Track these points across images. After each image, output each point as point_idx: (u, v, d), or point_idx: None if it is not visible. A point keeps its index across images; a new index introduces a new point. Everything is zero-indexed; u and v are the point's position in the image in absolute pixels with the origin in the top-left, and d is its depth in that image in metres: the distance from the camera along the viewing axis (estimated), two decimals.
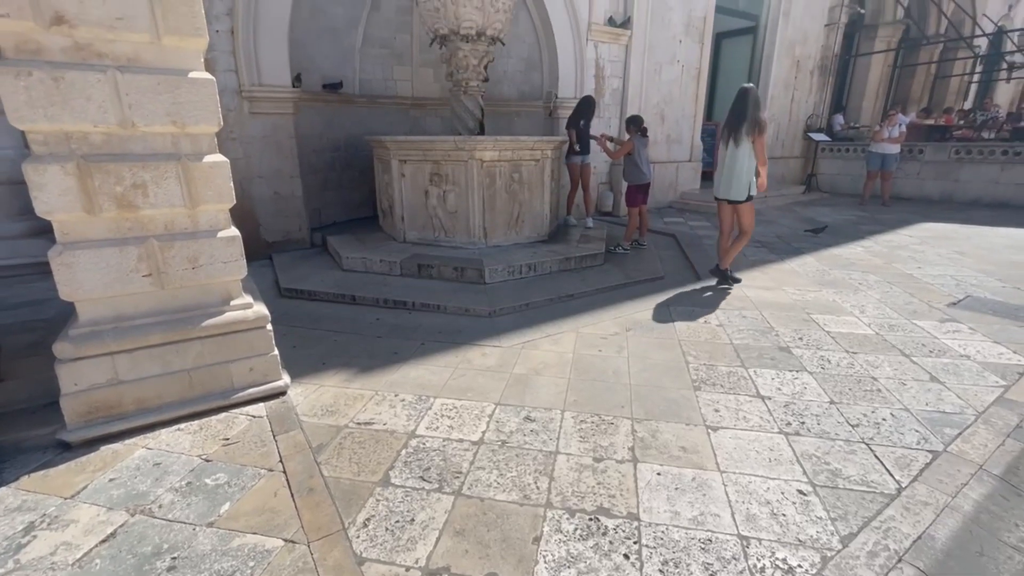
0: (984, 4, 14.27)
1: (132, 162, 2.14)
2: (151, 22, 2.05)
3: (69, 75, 1.95)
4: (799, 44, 10.37)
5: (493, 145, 5.00)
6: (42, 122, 1.95)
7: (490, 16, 4.98)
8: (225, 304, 2.50)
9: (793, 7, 9.89)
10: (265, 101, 5.24)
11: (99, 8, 1.95)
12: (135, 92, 2.07)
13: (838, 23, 10.77)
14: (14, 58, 1.90)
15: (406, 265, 4.72)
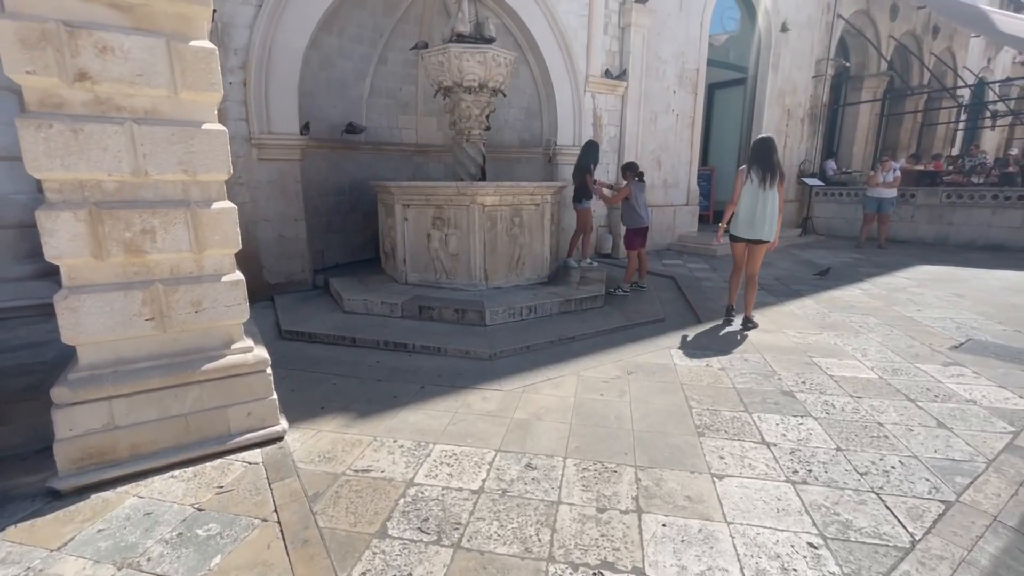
0: (964, 57, 14.95)
1: (142, 208, 2.20)
2: (170, 78, 2.15)
3: (88, 127, 2.03)
4: (789, 94, 10.78)
5: (494, 190, 5.12)
6: (58, 171, 2.02)
7: (492, 70, 5.21)
8: (226, 347, 2.50)
9: (781, 60, 10.35)
10: (274, 148, 5.41)
11: (122, 65, 2.05)
12: (150, 143, 2.15)
13: (825, 75, 11.23)
14: (37, 111, 1.98)
15: (407, 307, 4.73)
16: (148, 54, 2.10)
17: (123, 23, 2.07)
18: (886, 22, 12.26)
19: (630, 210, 5.73)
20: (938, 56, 13.95)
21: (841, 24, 11.23)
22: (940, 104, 14.00)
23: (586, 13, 7.42)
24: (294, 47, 5.37)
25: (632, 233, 5.78)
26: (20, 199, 4.61)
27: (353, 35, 6.38)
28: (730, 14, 9.93)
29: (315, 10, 5.44)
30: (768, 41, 10.07)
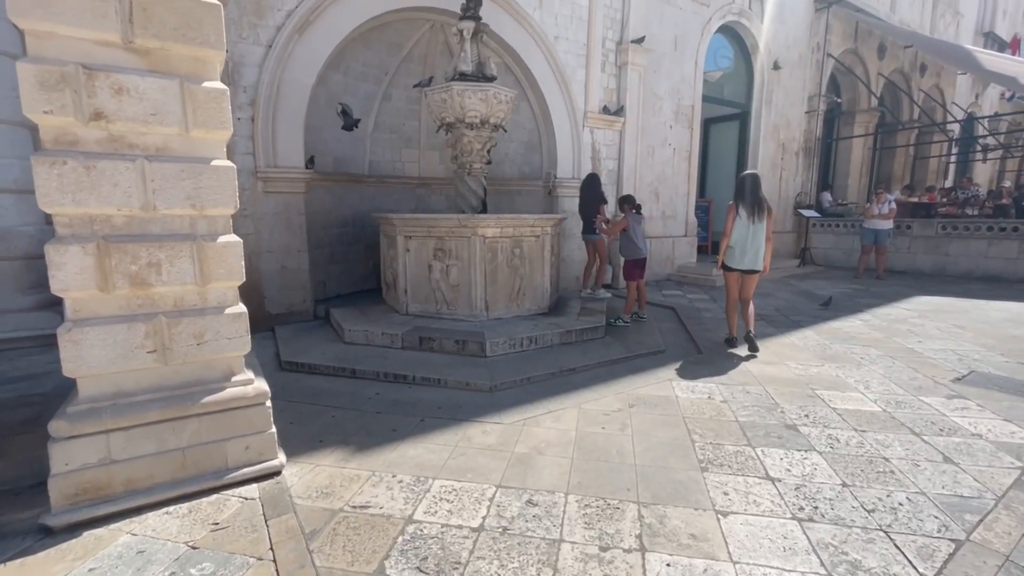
0: (952, 93, 15.37)
1: (150, 242, 2.23)
2: (182, 117, 2.23)
3: (101, 164, 2.08)
4: (783, 129, 11.04)
5: (495, 222, 5.19)
6: (69, 206, 2.06)
7: (493, 107, 5.36)
8: (226, 380, 2.49)
9: (775, 96, 10.64)
10: (279, 181, 5.52)
11: (136, 105, 2.12)
12: (160, 178, 2.21)
13: (817, 110, 11.53)
14: (52, 148, 2.04)
15: (408, 338, 4.73)
16: (162, 94, 2.17)
17: (140, 66, 2.15)
18: (874, 60, 12.66)
19: (628, 242, 5.80)
20: (927, 92, 14.35)
21: (831, 62, 11.59)
22: (931, 138, 14.32)
23: (584, 53, 7.68)
24: (302, 85, 5.54)
25: (631, 264, 5.83)
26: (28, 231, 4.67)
27: (359, 73, 6.59)
28: (723, 52, 10.26)
29: (323, 50, 5.64)
30: (761, 78, 10.39)
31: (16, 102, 4.44)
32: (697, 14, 9.00)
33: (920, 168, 15.20)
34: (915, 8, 13.50)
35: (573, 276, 8.07)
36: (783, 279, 9.54)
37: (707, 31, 9.20)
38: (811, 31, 11.12)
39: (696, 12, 8.98)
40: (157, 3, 2.12)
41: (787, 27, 10.60)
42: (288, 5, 5.35)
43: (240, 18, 5.13)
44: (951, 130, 14.13)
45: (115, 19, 2.06)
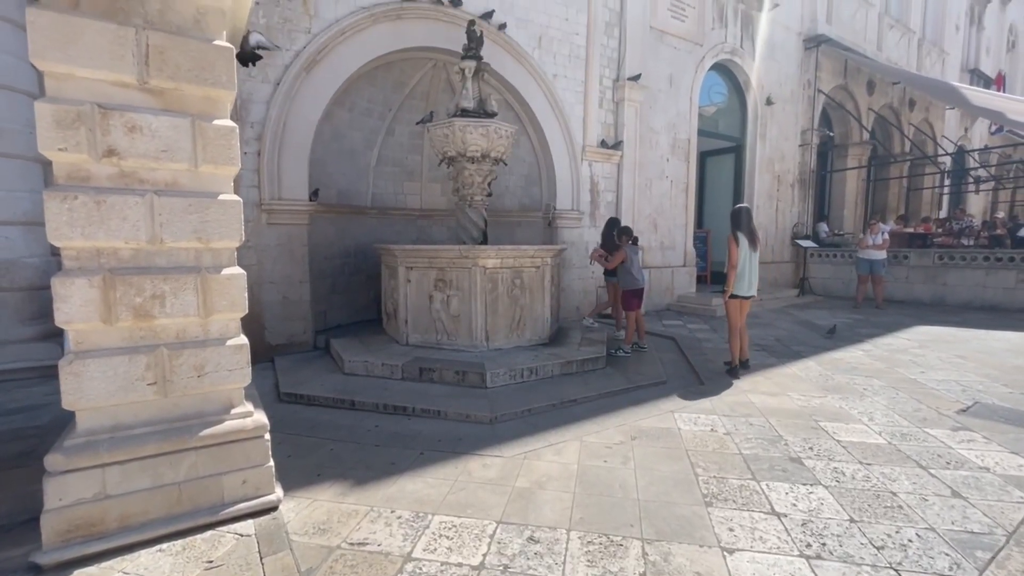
0: (941, 127, 15.74)
1: (154, 275, 2.26)
2: (192, 153, 2.29)
3: (111, 199, 2.13)
4: (778, 161, 11.26)
5: (496, 253, 5.25)
6: (78, 240, 2.09)
7: (494, 142, 5.49)
8: (225, 412, 2.47)
9: (768, 130, 10.90)
10: (283, 213, 5.60)
11: (148, 143, 2.19)
12: (168, 212, 2.25)
13: (811, 144, 11.78)
14: (64, 184, 2.09)
15: (408, 369, 4.71)
16: (174, 132, 2.24)
17: (153, 105, 2.23)
18: (864, 96, 13.02)
19: (626, 272, 5.86)
20: (916, 126, 14.69)
21: (822, 98, 11.92)
22: (923, 170, 14.57)
23: (582, 90, 7.92)
24: (307, 120, 5.69)
25: (629, 294, 5.86)
26: (33, 262, 4.72)
27: (363, 109, 6.77)
28: (717, 89, 10.57)
29: (329, 88, 5.82)
30: (755, 113, 10.66)
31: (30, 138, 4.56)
32: (691, 53, 9.31)
33: (914, 199, 15.42)
34: (901, 47, 13.96)
35: (573, 306, 8.09)
36: (783, 309, 9.54)
37: (701, 68, 9.50)
38: (801, 68, 11.48)
39: (690, 51, 9.29)
40: (173, 47, 2.21)
41: (778, 64, 10.95)
42: (296, 45, 5.55)
43: None
44: (942, 162, 14.39)
45: (132, 61, 2.14)
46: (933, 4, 15.26)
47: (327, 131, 6.27)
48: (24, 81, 4.62)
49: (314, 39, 5.61)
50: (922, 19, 14.71)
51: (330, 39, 5.68)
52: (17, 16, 4.52)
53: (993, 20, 17.89)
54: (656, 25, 8.70)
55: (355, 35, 5.87)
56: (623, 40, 8.21)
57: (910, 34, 14.11)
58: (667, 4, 8.83)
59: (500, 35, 6.93)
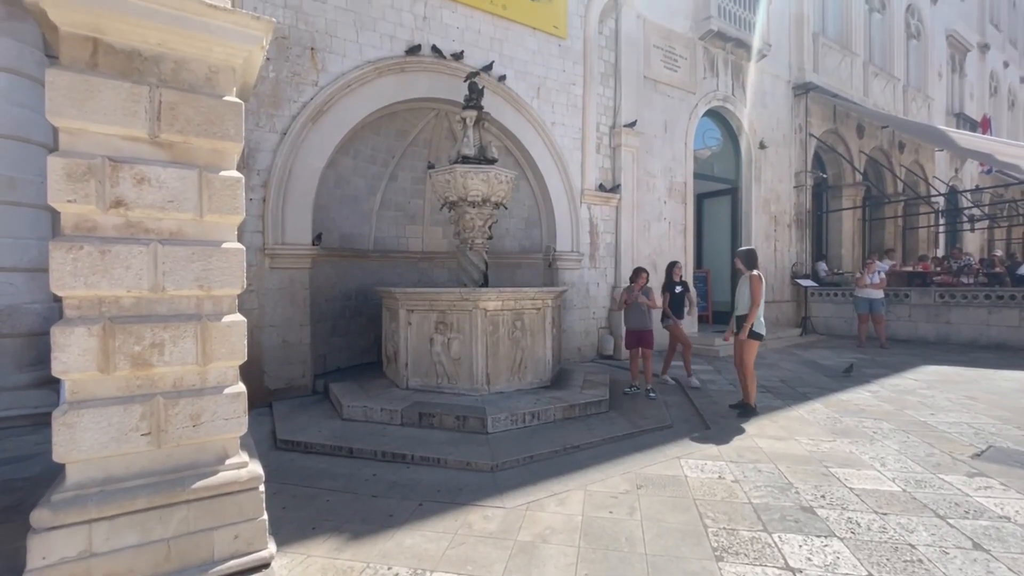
0: (932, 168, 16.10)
1: (155, 323, 2.25)
2: (197, 203, 2.33)
3: (116, 248, 2.15)
4: (773, 202, 11.45)
5: (497, 296, 5.26)
6: (81, 289, 2.10)
7: (494, 187, 5.61)
8: (220, 463, 2.41)
9: (763, 173, 11.14)
10: (286, 257, 5.66)
11: (155, 193, 2.23)
12: (171, 261, 2.27)
13: (805, 185, 12.02)
14: (71, 234, 2.12)
15: (407, 414, 4.62)
16: (181, 183, 2.29)
17: (162, 157, 2.29)
18: (855, 139, 13.38)
19: (638, 312, 5.94)
20: (908, 167, 15.03)
21: (814, 141, 12.25)
22: (918, 209, 14.80)
23: (580, 136, 8.16)
24: (312, 168, 5.84)
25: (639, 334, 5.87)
26: (35, 308, 4.74)
27: (367, 156, 6.96)
28: (711, 134, 10.89)
29: (334, 136, 6.00)
30: (749, 157, 10.94)
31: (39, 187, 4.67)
32: (684, 100, 9.65)
33: (911, 238, 15.57)
34: (887, 93, 14.47)
35: (574, 347, 8.04)
36: (786, 349, 9.46)
37: (695, 115, 9.81)
38: (792, 114, 11.86)
39: (683, 99, 9.63)
40: (184, 103, 2.29)
41: (769, 111, 11.32)
42: (304, 97, 5.77)
43: (258, 109, 5.51)
44: (936, 202, 14.63)
45: (144, 117, 2.21)
46: (915, 54, 15.93)
47: (331, 177, 6.43)
48: (39, 133, 4.79)
49: (321, 91, 5.83)
50: (905, 67, 15.30)
51: (336, 91, 5.91)
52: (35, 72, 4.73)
53: (973, 68, 18.60)
54: (650, 75, 9.05)
55: (360, 87, 6.11)
56: (618, 89, 8.53)
57: (895, 81, 14.65)
58: (660, 56, 9.23)
59: (500, 86, 7.20)
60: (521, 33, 7.51)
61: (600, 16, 8.36)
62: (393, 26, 6.39)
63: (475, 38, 7.07)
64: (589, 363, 7.94)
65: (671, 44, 9.41)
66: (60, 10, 2.06)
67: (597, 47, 8.34)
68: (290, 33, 5.67)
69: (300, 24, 5.75)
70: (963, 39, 17.67)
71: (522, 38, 7.53)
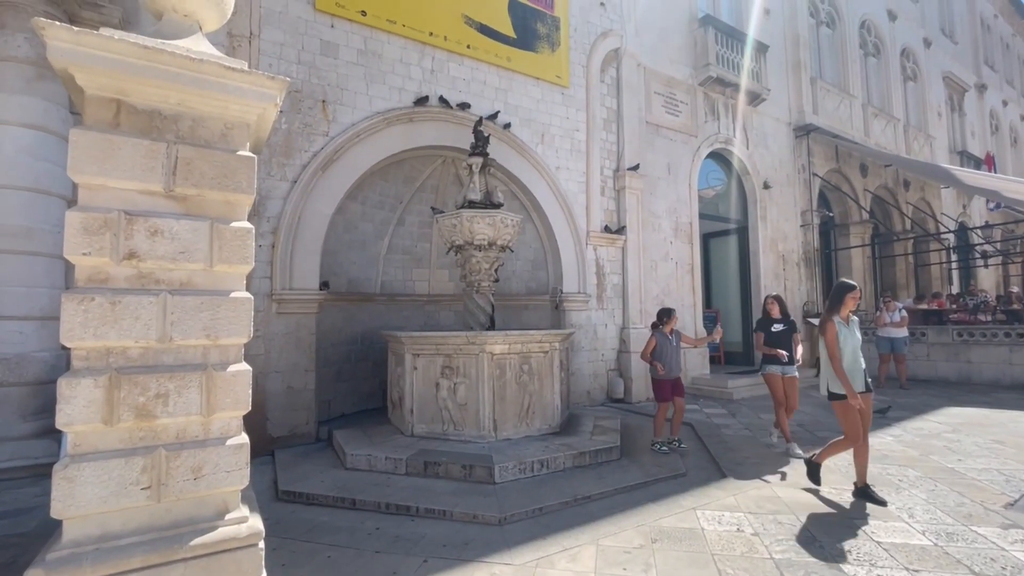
0: (939, 205, 16.18)
1: (160, 373, 2.26)
2: (208, 254, 2.39)
3: (126, 299, 2.20)
4: (780, 241, 11.50)
5: (503, 339, 5.26)
6: (90, 340, 2.13)
7: (500, 231, 5.72)
8: (219, 518, 2.36)
9: (768, 212, 11.25)
10: (293, 303, 5.72)
11: (168, 245, 2.30)
12: (180, 311, 2.30)
13: (811, 224, 12.09)
14: (84, 287, 2.17)
15: (412, 463, 4.53)
16: (192, 234, 2.36)
17: (176, 210, 2.37)
18: (859, 178, 13.55)
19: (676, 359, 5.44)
20: (914, 204, 15.11)
21: (818, 181, 12.41)
22: (928, 246, 14.77)
23: (584, 180, 8.34)
24: (322, 214, 5.99)
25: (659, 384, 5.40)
26: (43, 356, 4.78)
27: (375, 202, 7.14)
28: (715, 175, 11.10)
29: (343, 184, 6.19)
30: (754, 197, 11.08)
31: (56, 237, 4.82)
32: (686, 143, 9.90)
33: (923, 275, 15.47)
34: (888, 133, 14.76)
35: (583, 390, 7.93)
36: (802, 390, 9.22)
37: (697, 157, 10.04)
38: (795, 154, 12.09)
39: (685, 142, 9.88)
40: (199, 158, 2.39)
41: (771, 152, 11.55)
42: (314, 147, 5.99)
43: (270, 159, 5.72)
44: (946, 239, 14.62)
45: (160, 172, 2.31)
46: (913, 95, 16.33)
47: (340, 223, 6.58)
48: (58, 186, 4.98)
49: (331, 141, 6.06)
50: (904, 108, 15.66)
51: (346, 141, 6.13)
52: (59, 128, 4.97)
53: (973, 107, 19.00)
54: (652, 120, 9.34)
55: (369, 136, 6.34)
56: (621, 134, 8.79)
57: (895, 121, 14.96)
58: (661, 102, 9.54)
59: (505, 133, 7.45)
60: (525, 83, 7.83)
61: (601, 66, 8.71)
62: (402, 79, 6.70)
63: (481, 89, 7.37)
64: (599, 407, 7.81)
65: (672, 90, 9.74)
66: (88, 75, 2.19)
67: (599, 95, 8.65)
68: (303, 87, 5.95)
69: (313, 78, 6.04)
70: (960, 80, 18.15)
71: (526, 88, 7.84)
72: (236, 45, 5.55)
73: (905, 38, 15.81)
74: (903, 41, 15.73)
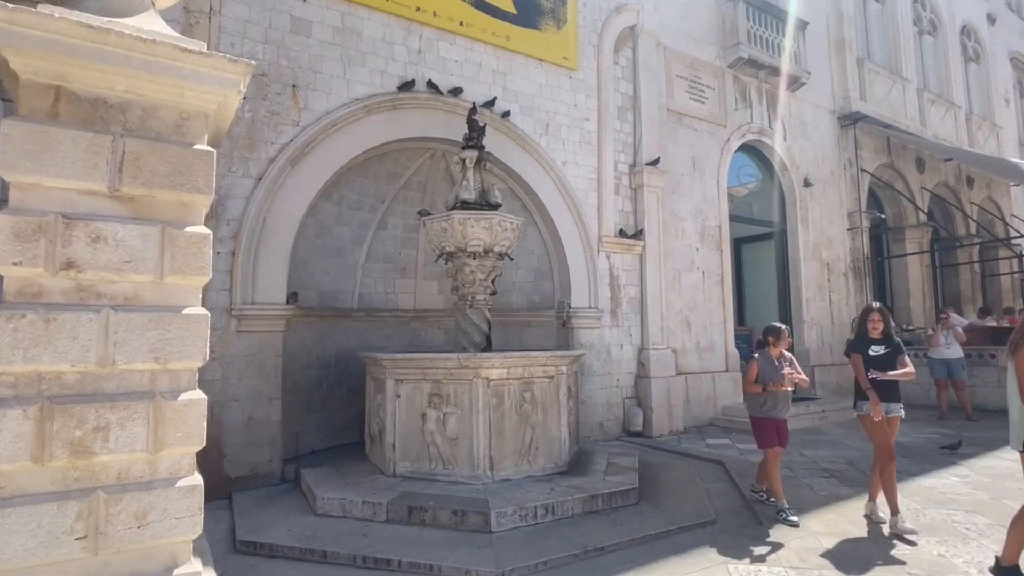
0: (1009, 205, 16.25)
1: (100, 403, 2.27)
2: (158, 263, 2.41)
3: (62, 316, 2.21)
4: (824, 248, 11.55)
5: (501, 362, 5.27)
6: (18, 363, 2.14)
7: (498, 235, 5.75)
8: (167, 573, 2.35)
9: (810, 214, 11.32)
10: (255, 319, 5.73)
11: (111, 253, 2.32)
12: (124, 330, 2.32)
13: (860, 227, 12.16)
14: (13, 302, 2.18)
15: (393, 508, 4.52)
16: (140, 241, 2.38)
17: (121, 212, 2.39)
18: (915, 174, 13.65)
19: (784, 394, 4.91)
20: (980, 205, 15.18)
21: (867, 177, 12.50)
22: (998, 253, 14.81)
23: (595, 176, 8.41)
24: (290, 216, 6.03)
25: (757, 423, 5.01)
26: None
27: (353, 202, 7.19)
28: (747, 170, 11.19)
29: (316, 181, 6.24)
30: (792, 196, 11.16)
31: None
32: (714, 135, 10.00)
33: (991, 287, 15.50)
34: (947, 122, 14.88)
35: (595, 422, 7.91)
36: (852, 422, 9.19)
37: (727, 150, 10.13)
38: (839, 147, 12.20)
39: (712, 133, 9.98)
40: (150, 152, 2.42)
41: (812, 144, 11.66)
42: (283, 138, 6.05)
43: (231, 152, 5.77)
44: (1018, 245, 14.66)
45: (105, 169, 2.34)
46: (976, 78, 16.51)
47: (311, 226, 6.62)
48: None
49: (302, 132, 6.12)
50: (965, 93, 15.82)
51: (320, 131, 6.19)
52: None
53: None
54: (673, 108, 9.44)
55: (347, 127, 6.41)
56: (638, 124, 8.88)
57: (955, 108, 15.11)
58: (684, 86, 9.65)
59: (504, 123, 7.53)
60: (527, 65, 7.93)
61: (615, 45, 8.83)
62: (384, 60, 6.78)
63: (476, 72, 7.46)
64: (614, 441, 7.79)
65: (696, 74, 9.86)
66: (23, 58, 2.23)
67: (612, 79, 8.76)
68: (270, 70, 6.03)
69: (281, 60, 6.12)
70: None
71: (528, 71, 7.94)
72: (194, 22, 5.63)
73: (965, 13, 16.03)
74: (963, 16, 15.95)
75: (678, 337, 8.89)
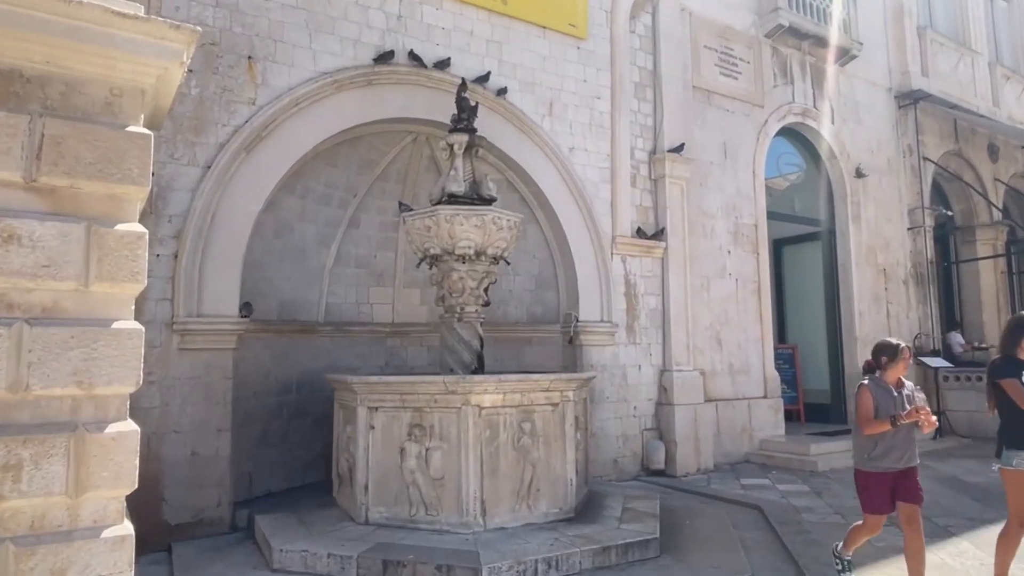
0: None
1: (11, 436, 2.24)
2: (82, 268, 2.39)
3: None
4: (880, 251, 11.60)
5: (496, 386, 5.26)
6: None
7: (492, 235, 5.75)
8: None
9: (863, 210, 11.37)
10: (201, 335, 5.71)
11: (26, 256, 2.30)
12: (41, 348, 2.29)
13: (923, 226, 12.22)
14: None
15: (366, 562, 4.50)
16: (61, 241, 2.36)
17: (39, 207, 2.38)
18: (987, 163, 13.73)
19: (906, 437, 4.16)
20: None
21: (931, 167, 12.57)
22: None
23: (608, 165, 8.45)
24: (244, 212, 6.03)
25: (863, 478, 4.29)
26: None
27: (320, 195, 7.21)
28: (788, 159, 11.23)
29: (276, 170, 6.25)
30: (842, 189, 11.22)
31: None
32: (749, 116, 10.06)
33: None
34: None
35: (608, 458, 7.89)
36: None
37: (764, 135, 10.20)
38: (897, 131, 12.28)
39: (747, 114, 10.04)
40: (74, 136, 2.41)
41: (865, 128, 11.73)
42: (237, 119, 6.06)
43: (174, 136, 5.77)
44: None
45: (19, 155, 2.32)
46: None
47: (270, 224, 6.62)
48: None
49: (259, 112, 6.14)
50: None
51: (280, 111, 6.21)
52: None
53: None
54: (701, 84, 9.51)
55: (312, 106, 6.43)
56: (659, 103, 8.94)
57: None
58: (713, 59, 9.72)
59: (499, 101, 7.56)
60: (527, 34, 7.99)
61: (631, 11, 8.91)
62: (358, 27, 6.82)
63: (466, 41, 7.50)
64: (630, 481, 7.78)
65: (728, 44, 9.94)
66: None
67: (628, 49, 8.83)
68: (221, 38, 6.05)
69: (235, 27, 6.15)
70: None
71: (528, 40, 8.00)
72: None
73: None
74: None
75: (707, 357, 8.88)
